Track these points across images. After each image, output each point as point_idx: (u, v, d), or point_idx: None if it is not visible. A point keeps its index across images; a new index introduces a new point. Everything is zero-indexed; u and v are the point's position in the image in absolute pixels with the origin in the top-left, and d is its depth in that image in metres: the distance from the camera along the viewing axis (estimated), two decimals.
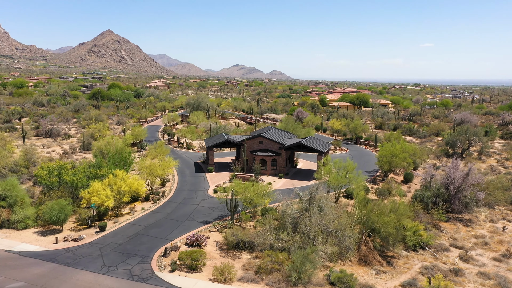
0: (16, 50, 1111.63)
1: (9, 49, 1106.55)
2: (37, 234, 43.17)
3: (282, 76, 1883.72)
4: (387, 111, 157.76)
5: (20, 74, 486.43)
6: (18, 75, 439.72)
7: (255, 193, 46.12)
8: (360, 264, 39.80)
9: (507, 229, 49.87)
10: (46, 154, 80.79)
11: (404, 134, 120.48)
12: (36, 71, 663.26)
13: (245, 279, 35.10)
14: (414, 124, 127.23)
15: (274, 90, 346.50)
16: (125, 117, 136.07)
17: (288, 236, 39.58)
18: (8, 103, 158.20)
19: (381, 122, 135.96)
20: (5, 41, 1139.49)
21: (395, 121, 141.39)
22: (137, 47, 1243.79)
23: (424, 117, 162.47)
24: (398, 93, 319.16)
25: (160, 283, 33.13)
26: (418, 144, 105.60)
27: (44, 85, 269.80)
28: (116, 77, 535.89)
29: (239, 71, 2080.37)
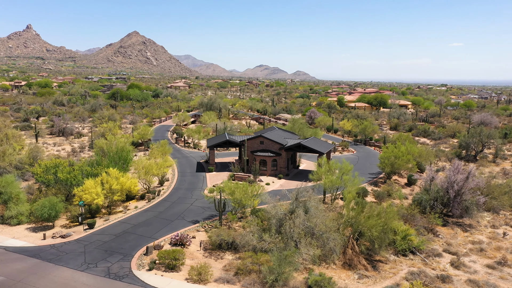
0: (47, 52, 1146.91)
1: (40, 50, 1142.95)
2: (29, 230, 44.17)
3: (306, 76, 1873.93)
4: (404, 112, 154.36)
5: (48, 74, 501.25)
6: (46, 76, 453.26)
7: (243, 194, 45.76)
8: (345, 267, 38.89)
9: (508, 235, 47.78)
10: (55, 152, 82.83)
11: (419, 135, 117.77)
12: (65, 72, 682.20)
13: (222, 280, 34.86)
14: (430, 126, 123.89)
15: (294, 90, 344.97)
16: (139, 116, 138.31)
17: (270, 238, 39.13)
18: (30, 103, 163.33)
19: (396, 123, 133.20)
20: (36, 43, 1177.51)
21: (411, 122, 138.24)
22: (162, 48, 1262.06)
23: (443, 118, 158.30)
24: (421, 94, 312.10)
25: (134, 281, 33.28)
26: (431, 146, 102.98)
27: (68, 85, 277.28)
28: (140, 78, 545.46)
29: (263, 72, 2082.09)
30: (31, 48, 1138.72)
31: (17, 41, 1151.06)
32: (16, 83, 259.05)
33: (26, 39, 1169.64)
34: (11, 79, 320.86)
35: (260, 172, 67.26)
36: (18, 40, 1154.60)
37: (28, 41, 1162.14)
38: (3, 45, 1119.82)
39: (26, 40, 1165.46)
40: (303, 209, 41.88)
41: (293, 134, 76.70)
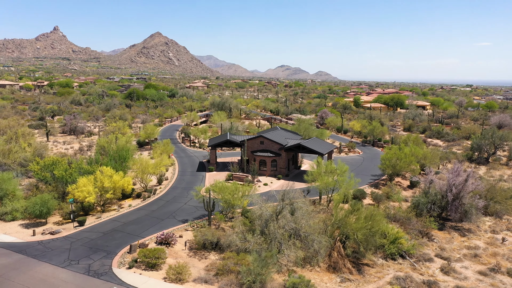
0: (73, 52, 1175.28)
1: (66, 51, 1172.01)
2: (22, 226, 45.07)
3: (328, 77, 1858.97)
4: (420, 113, 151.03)
5: (72, 75, 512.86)
6: (70, 76, 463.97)
7: (232, 194, 45.50)
8: (329, 270, 38.14)
9: (507, 241, 45.94)
10: (63, 150, 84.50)
11: (432, 137, 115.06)
12: (89, 72, 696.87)
13: (200, 280, 34.70)
14: (443, 127, 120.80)
15: (312, 91, 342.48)
16: (152, 116, 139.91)
17: (254, 238, 38.74)
18: (49, 102, 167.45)
19: (410, 124, 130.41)
20: (63, 44, 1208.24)
21: (426, 124, 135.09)
22: (184, 49, 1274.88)
23: (461, 119, 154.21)
24: (443, 95, 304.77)
25: (111, 279, 33.46)
26: (443, 148, 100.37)
27: (89, 85, 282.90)
28: (161, 78, 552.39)
29: (284, 72, 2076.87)
30: (58, 49, 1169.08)
31: (45, 42, 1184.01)
32: (39, 83, 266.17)
33: (53, 40, 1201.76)
34: (35, 79, 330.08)
35: (260, 172, 66.94)
36: (46, 42, 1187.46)
37: (55, 42, 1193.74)
38: (32, 46, 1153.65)
39: (53, 41, 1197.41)
40: (289, 211, 41.38)
41: (295, 134, 75.95)
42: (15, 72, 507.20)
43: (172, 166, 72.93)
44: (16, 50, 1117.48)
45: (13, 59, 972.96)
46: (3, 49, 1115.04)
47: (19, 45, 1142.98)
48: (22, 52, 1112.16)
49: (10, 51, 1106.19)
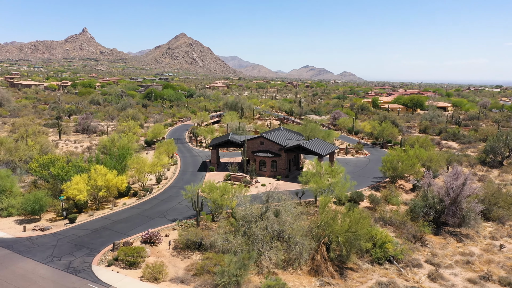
0: (100, 54, 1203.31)
1: (94, 52, 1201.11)
2: (16, 222, 46.16)
3: (353, 77, 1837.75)
4: (438, 114, 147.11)
5: (98, 75, 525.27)
6: (95, 76, 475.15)
7: (221, 194, 45.29)
8: (311, 274, 37.43)
9: (505, 248, 43.99)
10: (72, 149, 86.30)
11: (447, 139, 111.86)
12: (114, 73, 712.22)
13: (177, 279, 34.67)
14: (460, 129, 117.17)
15: (333, 91, 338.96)
16: (166, 116, 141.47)
17: (235, 239, 38.43)
18: (68, 102, 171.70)
19: (426, 126, 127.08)
20: (91, 45, 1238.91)
21: (443, 125, 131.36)
22: (208, 49, 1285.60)
23: (482, 121, 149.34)
24: (469, 96, 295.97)
25: (88, 276, 33.80)
26: (457, 150, 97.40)
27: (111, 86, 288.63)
28: (185, 78, 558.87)
29: (308, 73, 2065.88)
30: (86, 50, 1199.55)
31: (74, 43, 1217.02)
32: (63, 83, 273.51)
33: (81, 41, 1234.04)
34: (61, 79, 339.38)
35: (260, 173, 66.56)
36: (75, 43, 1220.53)
37: (83, 43, 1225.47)
38: (61, 47, 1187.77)
39: (82, 42, 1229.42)
40: (273, 212, 40.87)
41: (299, 135, 75.14)
42: (44, 73, 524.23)
43: (174, 165, 73.43)
44: (46, 51, 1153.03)
45: (43, 60, 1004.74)
46: (35, 50, 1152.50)
47: (49, 46, 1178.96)
48: (52, 53, 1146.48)
49: (41, 53, 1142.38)
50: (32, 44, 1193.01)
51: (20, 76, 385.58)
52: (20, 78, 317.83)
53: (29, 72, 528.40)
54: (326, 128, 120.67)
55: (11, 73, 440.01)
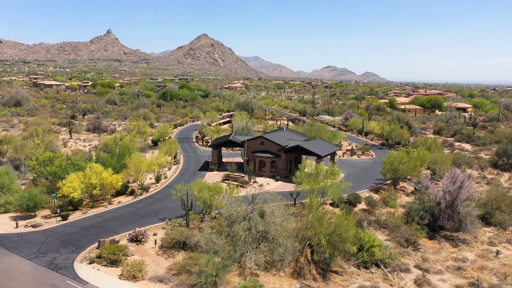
0: (124, 54, 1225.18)
1: (118, 53, 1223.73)
2: (11, 218, 47.20)
3: (376, 77, 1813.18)
4: (455, 116, 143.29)
5: (119, 75, 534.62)
6: (117, 77, 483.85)
7: (210, 195, 45.16)
8: (293, 276, 36.89)
9: (502, 254, 42.30)
10: (81, 147, 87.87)
11: (461, 140, 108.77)
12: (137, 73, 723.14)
13: (156, 278, 34.73)
14: (474, 130, 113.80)
15: (353, 92, 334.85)
16: (179, 116, 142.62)
17: (217, 240, 38.24)
18: (86, 101, 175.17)
19: (441, 127, 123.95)
20: (115, 46, 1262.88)
21: (459, 127, 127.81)
22: (230, 50, 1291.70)
23: (503, 122, 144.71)
24: (493, 97, 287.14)
25: (68, 272, 34.21)
26: (469, 152, 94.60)
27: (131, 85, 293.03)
28: (205, 78, 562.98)
29: (330, 73, 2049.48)
30: (110, 51, 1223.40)
31: (98, 44, 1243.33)
32: (84, 83, 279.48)
33: (106, 42, 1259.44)
34: (82, 79, 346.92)
35: (260, 173, 66.22)
36: (99, 44, 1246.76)
37: (108, 44, 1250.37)
38: (86, 48, 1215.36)
39: (106, 43, 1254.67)
40: (258, 213, 40.48)
41: (301, 135, 74.38)
42: (69, 73, 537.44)
43: (176, 165, 73.83)
44: (72, 52, 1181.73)
45: (69, 61, 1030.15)
46: (61, 51, 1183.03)
47: (75, 47, 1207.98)
48: (78, 54, 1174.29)
49: (67, 53, 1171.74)
50: (59, 45, 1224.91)
51: (44, 76, 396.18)
52: (44, 79, 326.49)
53: (54, 72, 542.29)
54: (337, 128, 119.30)
55: (37, 74, 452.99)
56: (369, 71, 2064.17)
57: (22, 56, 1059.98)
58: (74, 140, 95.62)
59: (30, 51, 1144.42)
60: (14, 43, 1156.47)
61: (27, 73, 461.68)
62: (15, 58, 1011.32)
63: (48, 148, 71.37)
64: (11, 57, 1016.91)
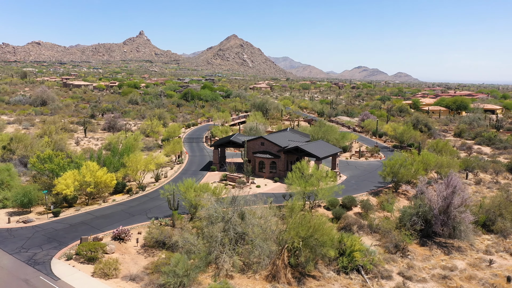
0: (155, 55, 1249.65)
1: (150, 54, 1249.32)
2: (6, 214, 48.66)
3: (408, 78, 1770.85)
4: (479, 117, 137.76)
5: (149, 76, 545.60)
6: (146, 77, 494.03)
7: (195, 195, 45.07)
8: (268, 279, 36.24)
9: (495, 264, 40.08)
10: (92, 145, 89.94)
11: (482, 143, 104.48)
12: (167, 74, 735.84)
13: (128, 277, 34.92)
14: (496, 133, 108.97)
15: (380, 92, 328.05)
16: (197, 116, 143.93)
17: (193, 240, 38.08)
18: (110, 101, 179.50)
19: (462, 130, 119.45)
20: (146, 47, 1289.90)
21: (483, 129, 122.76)
22: (259, 50, 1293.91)
23: None
24: None
25: (43, 268, 34.88)
26: (488, 156, 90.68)
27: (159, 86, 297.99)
28: (232, 79, 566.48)
29: (361, 73, 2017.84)
30: (142, 52, 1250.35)
31: (131, 46, 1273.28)
32: (111, 84, 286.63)
33: (138, 44, 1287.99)
34: (111, 80, 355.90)
35: (259, 174, 65.73)
36: (132, 45, 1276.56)
37: (140, 46, 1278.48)
38: (119, 50, 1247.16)
39: (138, 45, 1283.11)
40: (238, 215, 40.04)
41: (304, 136, 73.26)
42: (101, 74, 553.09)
43: (179, 164, 74.33)
44: (106, 53, 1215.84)
45: (103, 62, 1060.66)
46: (95, 52, 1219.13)
47: (108, 49, 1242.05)
48: (111, 55, 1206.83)
49: (101, 55, 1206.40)
50: (94, 46, 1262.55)
51: (76, 76, 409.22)
52: (75, 79, 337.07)
53: (87, 73, 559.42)
54: (351, 130, 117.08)
55: (70, 74, 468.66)
56: (401, 72, 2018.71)
57: (59, 58, 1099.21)
58: (88, 139, 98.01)
59: (66, 52, 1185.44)
60: (51, 45, 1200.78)
61: (61, 74, 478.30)
62: (52, 59, 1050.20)
63: (56, 146, 73.40)
64: (48, 59, 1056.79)
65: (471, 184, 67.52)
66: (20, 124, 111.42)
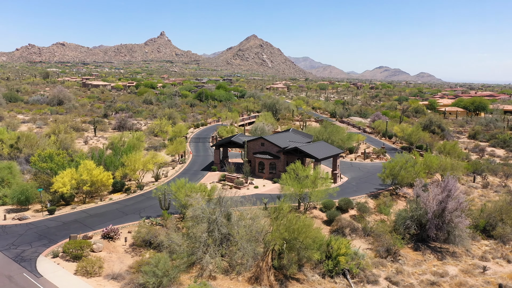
0: (176, 56, 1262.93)
1: (170, 54, 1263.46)
2: (5, 211, 49.73)
3: (431, 78, 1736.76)
4: (496, 119, 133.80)
5: (168, 76, 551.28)
6: (166, 77, 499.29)
7: (185, 195, 45.07)
8: (250, 281, 35.89)
9: (489, 271, 38.64)
10: (100, 144, 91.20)
11: (496, 146, 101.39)
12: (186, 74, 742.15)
13: (111, 276, 35.14)
14: None
15: (399, 93, 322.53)
16: (207, 116, 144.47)
17: (177, 240, 38.03)
18: (125, 100, 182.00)
19: (476, 131, 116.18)
20: (167, 47, 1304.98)
21: (500, 130, 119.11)
22: (279, 51, 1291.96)
23: None
24: None
25: (28, 265, 35.40)
26: (500, 158, 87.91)
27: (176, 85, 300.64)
28: (251, 79, 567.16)
29: (382, 73, 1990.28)
30: (163, 52, 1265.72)
31: (152, 46, 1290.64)
32: (129, 84, 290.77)
33: (159, 44, 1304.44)
34: (131, 79, 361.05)
35: (259, 174, 65.39)
36: (153, 46, 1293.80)
37: (161, 46, 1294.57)
38: (141, 50, 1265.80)
39: (159, 45, 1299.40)
40: (224, 215, 39.82)
41: (307, 137, 72.45)
42: (122, 74, 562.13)
43: (182, 164, 74.64)
44: (127, 54, 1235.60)
45: (124, 62, 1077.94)
46: (117, 53, 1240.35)
47: (130, 49, 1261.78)
48: (133, 56, 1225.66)
49: (123, 55, 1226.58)
50: (116, 47, 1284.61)
51: (96, 77, 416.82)
52: (94, 79, 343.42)
53: (108, 73, 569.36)
54: (362, 131, 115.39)
55: (92, 74, 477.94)
56: (424, 72, 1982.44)
57: (82, 58, 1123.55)
58: (97, 138, 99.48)
59: (89, 53, 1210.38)
60: (75, 45, 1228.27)
61: (83, 74, 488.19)
62: (75, 60, 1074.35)
63: (62, 145, 74.70)
64: (72, 59, 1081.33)
65: (477, 188, 65.48)
66: (34, 123, 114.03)
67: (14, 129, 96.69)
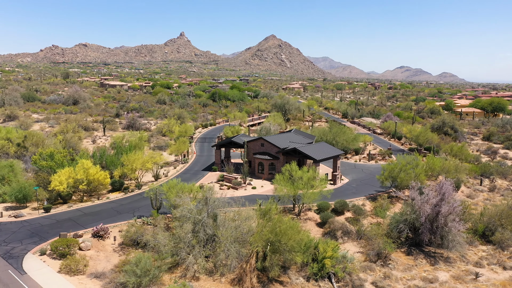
0: (195, 56, 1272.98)
1: (189, 55, 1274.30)
2: (3, 208, 50.78)
3: (454, 78, 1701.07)
4: None
5: (186, 76, 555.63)
6: (184, 77, 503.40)
7: (175, 195, 45.10)
8: (233, 283, 35.61)
9: (482, 277, 37.30)
10: (108, 144, 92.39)
11: (510, 148, 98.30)
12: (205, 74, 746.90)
13: (94, 274, 35.41)
14: None
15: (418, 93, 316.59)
16: (220, 116, 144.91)
17: (163, 240, 38.04)
18: (139, 100, 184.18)
19: (491, 133, 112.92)
20: (187, 48, 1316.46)
21: None
22: (297, 51, 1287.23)
23: None
24: None
25: (15, 262, 35.98)
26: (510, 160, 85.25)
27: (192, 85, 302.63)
28: (269, 79, 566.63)
29: (403, 73, 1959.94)
30: (182, 53, 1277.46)
31: (172, 47, 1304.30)
32: (146, 84, 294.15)
33: (179, 45, 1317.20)
34: (149, 79, 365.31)
35: (259, 175, 65.04)
36: (172, 46, 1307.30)
37: (180, 47, 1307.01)
38: (161, 50, 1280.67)
39: (179, 46, 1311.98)
40: (211, 216, 39.64)
41: (308, 137, 71.66)
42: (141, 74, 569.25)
43: (184, 164, 74.90)
44: (148, 54, 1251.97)
45: (144, 63, 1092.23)
46: (138, 54, 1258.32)
47: (150, 50, 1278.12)
48: (153, 56, 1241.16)
49: (143, 56, 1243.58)
50: (136, 48, 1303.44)
51: (115, 77, 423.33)
52: (113, 79, 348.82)
53: (128, 73, 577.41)
54: (371, 132, 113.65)
55: (112, 75, 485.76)
56: (446, 72, 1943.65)
57: (103, 59, 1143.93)
58: (106, 137, 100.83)
59: (111, 53, 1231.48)
60: (97, 46, 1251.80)
61: (103, 74, 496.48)
62: (97, 60, 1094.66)
63: (68, 144, 75.94)
64: (94, 60, 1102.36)
65: (483, 191, 63.55)
66: (47, 122, 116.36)
67: (26, 128, 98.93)
